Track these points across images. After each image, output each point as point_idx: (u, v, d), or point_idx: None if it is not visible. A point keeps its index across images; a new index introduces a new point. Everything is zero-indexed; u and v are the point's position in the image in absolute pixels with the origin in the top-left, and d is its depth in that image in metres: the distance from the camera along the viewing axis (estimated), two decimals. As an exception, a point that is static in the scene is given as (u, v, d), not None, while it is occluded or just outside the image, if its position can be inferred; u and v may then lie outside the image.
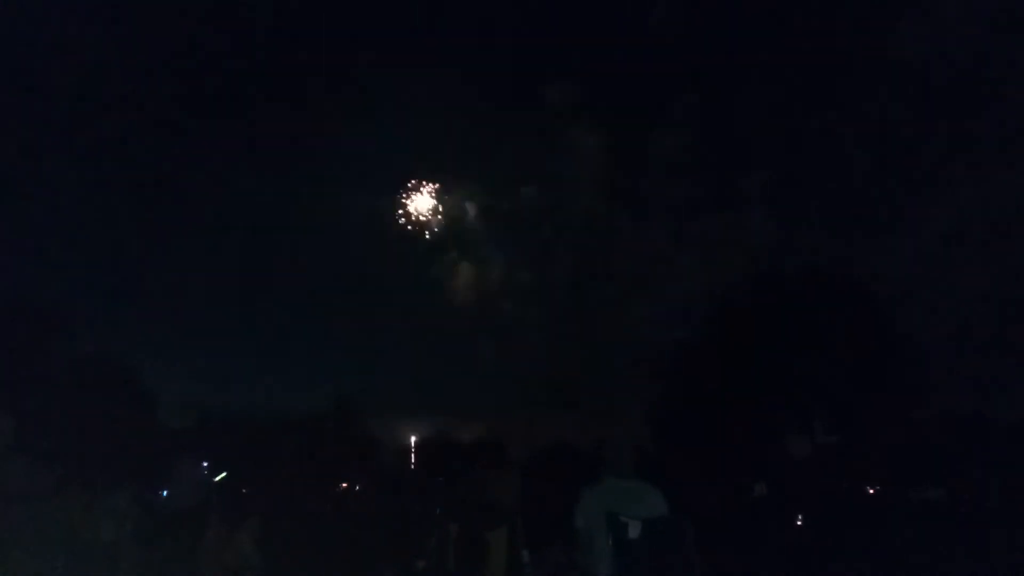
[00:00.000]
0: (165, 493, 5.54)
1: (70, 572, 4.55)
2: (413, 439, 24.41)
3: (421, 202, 26.45)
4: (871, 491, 18.12)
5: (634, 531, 3.94)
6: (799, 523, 13.20)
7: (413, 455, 24.07)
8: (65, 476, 5.06)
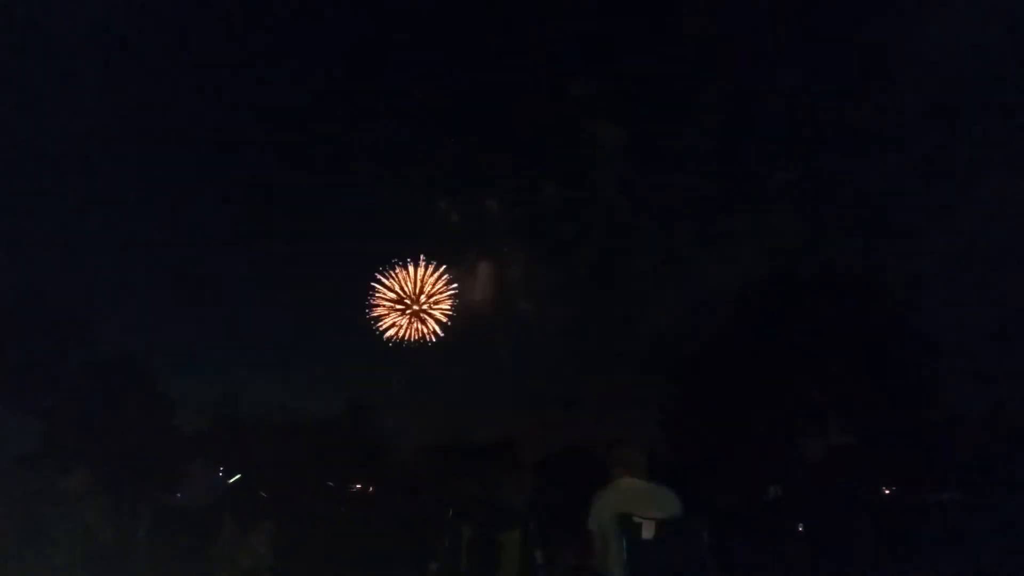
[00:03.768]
0: (180, 495, 5.59)
1: (87, 571, 4.61)
2: (426, 441, 24.42)
3: (436, 201, 26.52)
4: (886, 492, 17.98)
5: (647, 532, 3.93)
6: (813, 524, 13.12)
7: (426, 457, 24.09)
8: (83, 477, 5.12)
